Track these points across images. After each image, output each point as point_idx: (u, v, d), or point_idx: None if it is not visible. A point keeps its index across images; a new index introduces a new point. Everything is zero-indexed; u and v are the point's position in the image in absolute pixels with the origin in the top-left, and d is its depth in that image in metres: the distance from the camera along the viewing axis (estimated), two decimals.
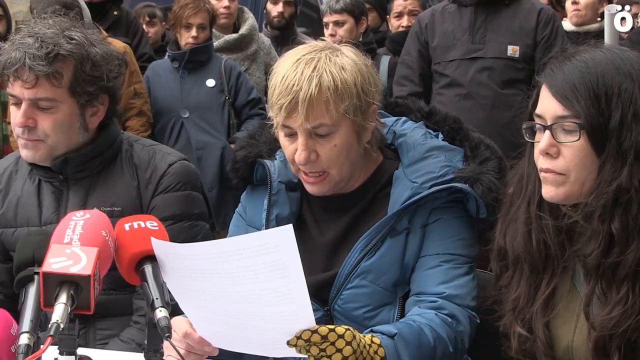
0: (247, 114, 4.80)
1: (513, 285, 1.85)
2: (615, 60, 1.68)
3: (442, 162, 2.02)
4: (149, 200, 2.42)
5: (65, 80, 2.26)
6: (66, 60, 2.25)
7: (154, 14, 6.17)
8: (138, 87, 4.64)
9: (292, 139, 1.96)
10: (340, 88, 1.89)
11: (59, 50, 2.23)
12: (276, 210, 2.10)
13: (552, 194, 1.73)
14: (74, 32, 2.30)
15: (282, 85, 1.90)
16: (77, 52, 2.26)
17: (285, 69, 1.93)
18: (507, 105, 4.01)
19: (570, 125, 1.67)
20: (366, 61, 1.99)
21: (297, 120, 1.90)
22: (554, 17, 4.16)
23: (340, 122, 1.93)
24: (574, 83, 1.66)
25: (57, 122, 2.29)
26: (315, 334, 1.61)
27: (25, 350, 1.33)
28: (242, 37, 5.16)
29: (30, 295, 1.44)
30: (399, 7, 5.20)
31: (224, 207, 4.53)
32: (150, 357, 1.58)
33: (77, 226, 1.52)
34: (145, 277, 1.54)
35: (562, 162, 1.69)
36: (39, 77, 2.23)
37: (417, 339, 1.81)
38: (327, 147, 1.95)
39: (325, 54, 1.93)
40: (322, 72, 1.89)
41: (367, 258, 1.97)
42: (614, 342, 1.66)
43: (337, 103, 1.89)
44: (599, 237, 1.67)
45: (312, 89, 1.87)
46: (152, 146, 2.54)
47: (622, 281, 1.66)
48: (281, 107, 1.90)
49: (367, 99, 1.95)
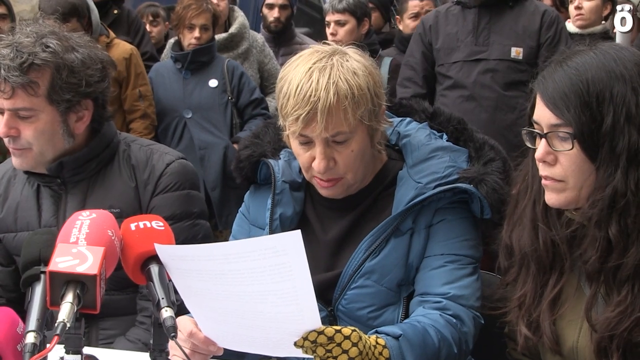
0: (250, 114, 4.81)
1: (519, 283, 1.85)
2: (607, 63, 1.66)
3: (447, 162, 2.02)
4: (148, 200, 2.42)
5: (42, 89, 2.24)
6: (41, 69, 2.23)
7: (158, 13, 6.18)
8: (143, 89, 4.65)
9: (308, 147, 1.95)
10: (357, 95, 1.89)
11: (33, 60, 2.20)
12: (280, 209, 2.10)
13: (553, 200, 1.73)
14: (51, 39, 2.26)
15: (298, 95, 1.87)
16: (53, 60, 2.23)
17: (298, 78, 1.90)
18: (510, 107, 4.01)
19: (563, 134, 1.66)
20: (372, 62, 1.99)
21: (315, 130, 1.89)
22: (557, 19, 4.16)
23: (356, 128, 1.93)
24: (564, 91, 1.66)
25: (38, 130, 2.28)
26: (321, 335, 1.62)
27: (31, 349, 1.34)
28: (232, 36, 5.16)
29: (36, 294, 1.44)
30: (416, 8, 5.20)
31: (227, 207, 4.54)
32: (156, 356, 1.58)
33: (84, 226, 1.52)
34: (151, 277, 1.54)
35: (559, 169, 1.69)
36: (15, 88, 2.21)
37: (421, 340, 1.81)
38: (344, 154, 1.95)
39: (336, 60, 1.91)
40: (337, 80, 1.87)
41: (371, 258, 1.97)
42: (614, 343, 1.66)
43: (354, 110, 1.89)
44: (596, 243, 1.67)
45: (330, 98, 1.86)
46: (149, 146, 2.53)
47: (623, 283, 1.67)
48: (298, 118, 1.88)
49: (379, 102, 1.96)
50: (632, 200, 1.63)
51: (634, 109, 1.62)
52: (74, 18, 4.32)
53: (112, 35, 4.73)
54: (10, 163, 2.56)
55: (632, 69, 1.65)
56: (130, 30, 5.35)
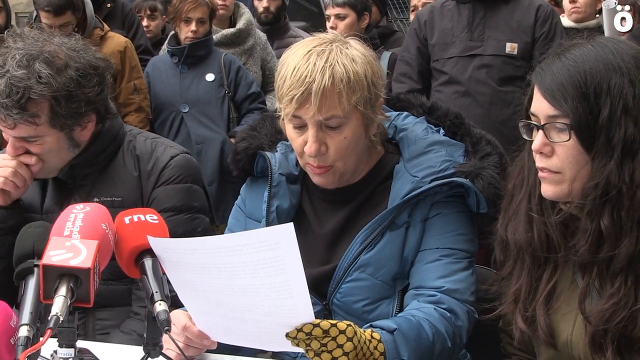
0: (247, 108, 4.80)
1: (514, 277, 1.85)
2: (605, 55, 1.67)
3: (443, 156, 2.03)
4: (150, 191, 2.43)
5: (44, 119, 2.23)
6: (39, 102, 2.21)
7: (155, 7, 6.16)
8: (138, 82, 4.65)
9: (302, 130, 1.96)
10: (352, 80, 1.89)
11: (29, 95, 2.18)
12: (276, 202, 2.10)
13: (549, 192, 1.73)
14: (42, 66, 2.19)
15: (294, 76, 1.89)
16: (49, 92, 2.20)
17: (296, 60, 1.91)
18: (506, 103, 4.02)
19: (560, 125, 1.67)
20: (373, 54, 2.00)
21: (309, 111, 1.90)
22: (552, 14, 4.16)
23: (351, 114, 1.93)
24: (562, 82, 1.66)
25: (45, 149, 2.30)
26: (317, 328, 1.62)
27: (24, 343, 1.34)
28: (240, 32, 5.16)
29: (30, 288, 1.44)
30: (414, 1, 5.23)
31: (224, 201, 4.54)
32: (149, 350, 1.58)
33: (77, 219, 1.52)
34: (145, 270, 1.54)
35: (556, 160, 1.70)
36: (16, 122, 2.22)
37: (416, 334, 1.81)
38: (337, 139, 1.95)
39: (336, 46, 1.93)
40: (334, 64, 1.89)
41: (366, 251, 1.98)
42: (609, 336, 1.66)
43: (349, 95, 1.90)
44: (586, 234, 1.68)
45: (325, 80, 1.87)
46: (154, 139, 2.54)
47: (616, 275, 1.67)
48: (292, 98, 1.89)
49: (376, 92, 1.96)
50: (626, 192, 1.63)
51: (631, 101, 1.63)
52: (68, 11, 4.32)
53: (106, 28, 4.72)
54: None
55: (629, 62, 1.66)
56: (124, 23, 5.34)
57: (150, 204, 2.39)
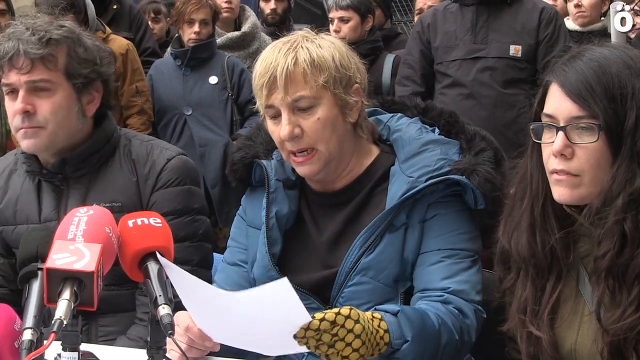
0: (250, 111, 4.78)
1: (518, 288, 1.84)
2: (625, 60, 1.66)
3: (438, 155, 2.02)
4: (149, 195, 2.42)
5: (60, 63, 2.30)
6: (59, 44, 2.30)
7: (159, 10, 6.17)
8: (140, 85, 4.65)
9: (278, 120, 2.00)
10: (317, 61, 1.95)
11: (50, 35, 2.28)
12: (275, 207, 2.10)
13: (566, 196, 1.70)
14: (64, 22, 2.38)
15: (261, 66, 1.98)
16: (69, 36, 2.32)
17: (265, 54, 2.01)
18: (510, 105, 4.01)
19: (587, 125, 1.64)
20: (345, 45, 2.05)
21: (277, 96, 1.95)
22: (556, 16, 4.16)
23: (321, 94, 1.97)
24: (590, 83, 1.64)
25: (55, 105, 2.30)
26: (324, 322, 1.62)
27: (28, 346, 1.34)
28: (245, 35, 5.16)
29: (33, 291, 1.45)
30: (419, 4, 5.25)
31: (227, 204, 4.54)
32: (153, 353, 1.59)
33: (81, 222, 1.52)
34: (149, 274, 1.54)
35: (576, 163, 1.67)
36: (34, 61, 2.26)
37: (420, 319, 1.81)
38: (310, 121, 1.97)
39: (303, 37, 2.01)
40: (298, 48, 1.96)
41: (366, 254, 1.97)
42: (630, 344, 1.64)
43: (315, 75, 1.95)
44: (613, 237, 1.65)
45: (288, 61, 1.94)
46: (149, 141, 2.54)
47: (633, 283, 1.65)
48: (262, 87, 1.96)
49: (346, 73, 2.00)
50: None
51: None
52: (70, 13, 4.32)
53: (108, 31, 4.73)
54: (11, 157, 2.56)
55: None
56: (132, 25, 5.33)
57: (150, 209, 2.38)
